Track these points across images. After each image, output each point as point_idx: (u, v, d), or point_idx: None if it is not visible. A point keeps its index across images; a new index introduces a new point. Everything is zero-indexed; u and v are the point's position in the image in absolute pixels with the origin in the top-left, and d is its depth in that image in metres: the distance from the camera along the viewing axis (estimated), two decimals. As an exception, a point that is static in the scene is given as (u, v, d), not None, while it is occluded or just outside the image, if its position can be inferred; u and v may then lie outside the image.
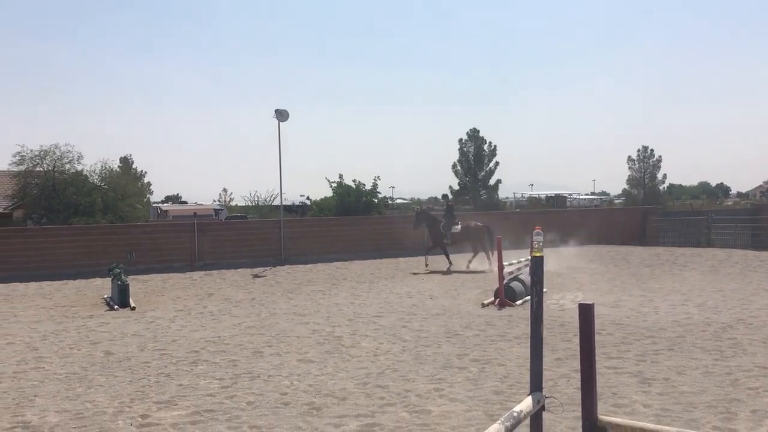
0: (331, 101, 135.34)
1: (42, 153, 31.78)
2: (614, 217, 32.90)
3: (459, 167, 61.54)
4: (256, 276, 19.95)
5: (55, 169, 31.86)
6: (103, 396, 7.29)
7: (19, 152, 31.62)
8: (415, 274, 19.45)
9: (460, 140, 61.51)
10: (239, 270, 21.71)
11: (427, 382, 7.55)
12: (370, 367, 8.30)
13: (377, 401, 6.84)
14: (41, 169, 31.77)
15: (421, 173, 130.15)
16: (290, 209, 49.67)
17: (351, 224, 26.54)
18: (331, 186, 41.79)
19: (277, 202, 50.32)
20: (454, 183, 62.17)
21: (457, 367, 8.23)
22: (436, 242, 21.37)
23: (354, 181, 42.00)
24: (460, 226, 21.14)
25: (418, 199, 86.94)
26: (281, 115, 24.52)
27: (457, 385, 7.40)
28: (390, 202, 64.67)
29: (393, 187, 77.43)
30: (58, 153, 32.06)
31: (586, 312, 3.91)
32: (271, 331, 10.94)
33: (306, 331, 10.86)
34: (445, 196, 26.13)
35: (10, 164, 31.88)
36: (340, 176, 42.35)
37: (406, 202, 78.40)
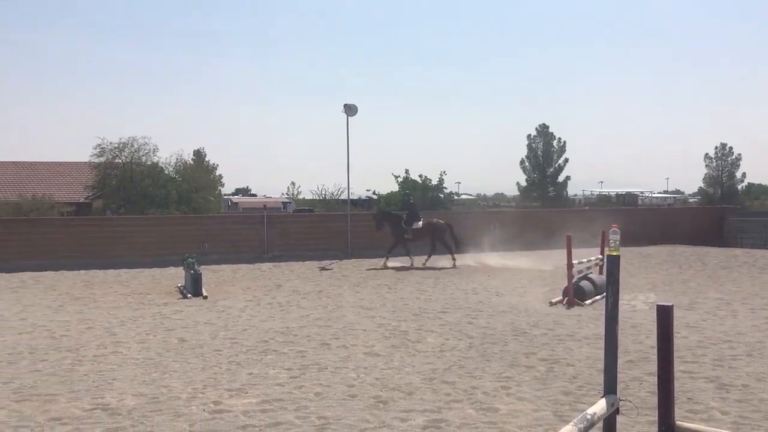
0: (399, 96, 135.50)
1: (120, 145, 33.05)
2: (689, 217, 31.78)
3: (527, 163, 60.68)
4: (323, 269, 20.20)
5: (133, 161, 33.03)
6: (177, 381, 7.53)
7: (99, 144, 33.02)
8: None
9: (529, 136, 60.65)
10: (306, 262, 22.03)
11: (494, 380, 7.49)
12: (436, 363, 8.30)
13: (443, 397, 6.83)
14: (120, 160, 33.03)
15: (487, 169, 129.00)
16: (356, 203, 50.13)
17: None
18: (396, 181, 41.90)
19: (344, 196, 50.81)
20: (522, 179, 61.38)
21: (525, 366, 8.13)
22: (398, 239, 21.37)
23: (420, 176, 41.79)
24: (421, 223, 21.28)
25: (484, 195, 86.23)
26: (350, 109, 24.71)
27: (525, 384, 7.31)
28: (455, 197, 64.41)
29: (459, 182, 77.00)
30: (135, 145, 33.30)
31: (664, 314, 3.79)
32: (338, 324, 11.07)
33: (372, 325, 10.93)
34: (407, 194, 25.99)
35: (90, 156, 33.33)
36: (406, 171, 42.38)
37: (471, 198, 77.85)
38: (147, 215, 27.94)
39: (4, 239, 21.81)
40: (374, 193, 60.57)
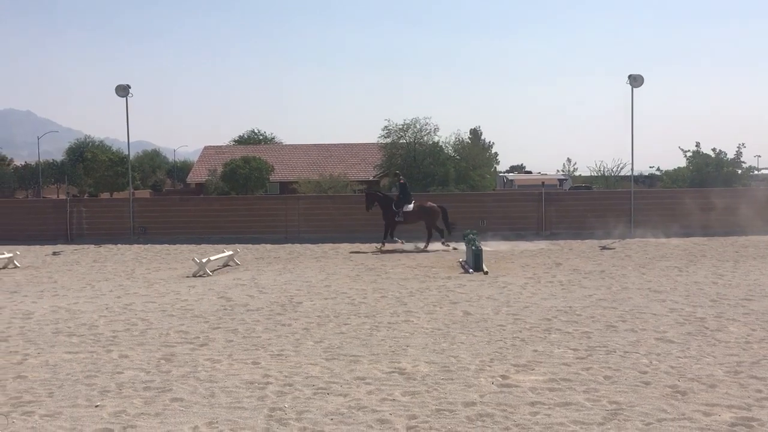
0: (692, 64, 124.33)
1: (405, 126, 35.08)
2: None
3: None
4: (604, 248, 19.42)
5: (416, 141, 34.85)
6: (465, 353, 7.82)
7: (386, 126, 35.40)
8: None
9: None
10: (586, 241, 21.37)
11: (817, 380, 6.56)
12: (741, 355, 7.51)
13: (753, 394, 6.16)
14: (404, 141, 35.09)
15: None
16: (637, 180, 47.13)
17: (705, 197, 24.07)
18: (685, 155, 38.55)
19: (624, 173, 48.17)
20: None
21: None
22: (388, 221, 20.48)
23: (713, 150, 37.97)
24: (413, 206, 20.35)
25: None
26: (635, 80, 23.24)
27: None
28: (755, 172, 57.30)
29: (759, 156, 68.41)
30: (418, 126, 35.07)
31: None
32: (624, 306, 10.56)
33: (663, 309, 10.24)
34: (396, 174, 22.79)
35: (378, 137, 35.91)
36: (697, 144, 38.78)
37: (774, 172, 68.73)
38: (429, 193, 29.33)
39: (310, 213, 24.47)
40: (658, 169, 56.51)
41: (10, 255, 17.27)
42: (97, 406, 6.12)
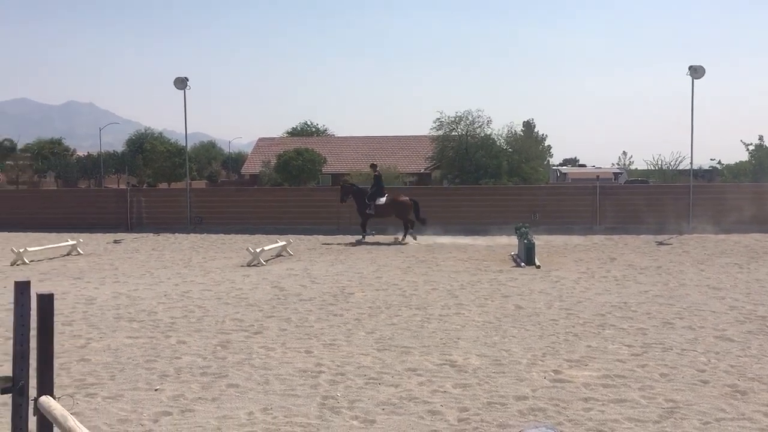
0: (746, 53, 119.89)
1: (457, 119, 34.92)
2: None
3: None
4: (660, 243, 18.99)
5: (468, 134, 34.64)
6: (516, 347, 7.78)
7: (438, 118, 35.30)
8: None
9: None
10: (641, 236, 20.92)
11: None
12: (806, 356, 7.27)
13: (818, 396, 5.97)
14: (456, 133, 34.92)
15: None
16: (696, 174, 45.87)
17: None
18: (747, 149, 37.29)
19: (682, 166, 46.94)
20: None
21: None
22: (360, 213, 20.84)
23: (779, 142, 36.65)
24: (385, 199, 20.57)
25: None
26: (695, 72, 22.59)
27: None
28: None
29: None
30: (470, 118, 34.87)
31: None
32: (682, 303, 10.33)
33: (722, 307, 9.97)
34: (373, 166, 22.65)
35: (430, 129, 35.84)
36: (760, 138, 37.45)
37: None
38: (480, 185, 29.14)
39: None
40: (719, 162, 54.92)
41: (74, 242, 17.91)
42: (156, 390, 6.32)
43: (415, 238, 20.06)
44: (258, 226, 23.90)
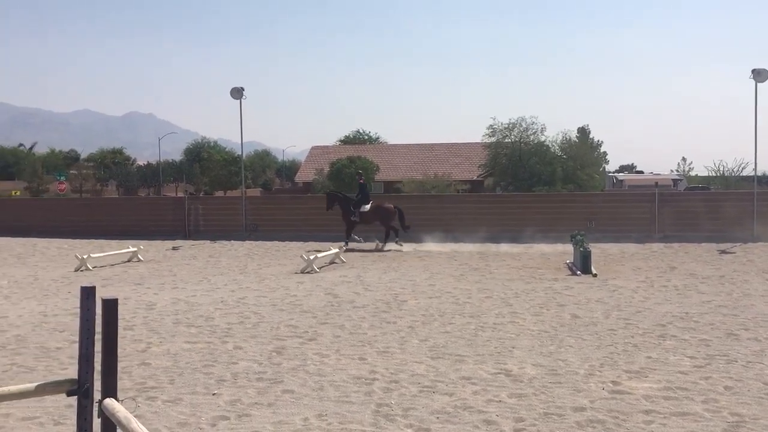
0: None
1: (510, 126, 34.63)
2: None
3: None
4: (723, 252, 18.40)
5: (521, 141, 34.31)
6: (573, 357, 7.64)
7: (491, 125, 35.07)
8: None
9: None
10: (702, 244, 20.30)
11: None
12: None
13: None
14: (509, 140, 34.62)
15: None
16: (760, 181, 44.33)
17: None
18: (817, 153, 35.78)
19: (746, 173, 45.41)
20: None
21: None
22: (345, 220, 21.09)
23: None
24: (370, 206, 20.91)
25: None
26: (759, 75, 21.84)
27: None
28: None
29: None
30: (524, 125, 34.54)
31: None
32: (747, 314, 9.97)
33: (790, 318, 9.59)
34: (359, 173, 22.77)
35: (483, 136, 35.62)
36: (831, 142, 35.97)
37: None
38: (534, 193, 28.79)
39: (414, 213, 24.56)
40: (785, 168, 52.90)
41: (135, 249, 18.41)
42: (214, 394, 6.43)
43: (400, 244, 20.30)
44: (312, 234, 24.10)
